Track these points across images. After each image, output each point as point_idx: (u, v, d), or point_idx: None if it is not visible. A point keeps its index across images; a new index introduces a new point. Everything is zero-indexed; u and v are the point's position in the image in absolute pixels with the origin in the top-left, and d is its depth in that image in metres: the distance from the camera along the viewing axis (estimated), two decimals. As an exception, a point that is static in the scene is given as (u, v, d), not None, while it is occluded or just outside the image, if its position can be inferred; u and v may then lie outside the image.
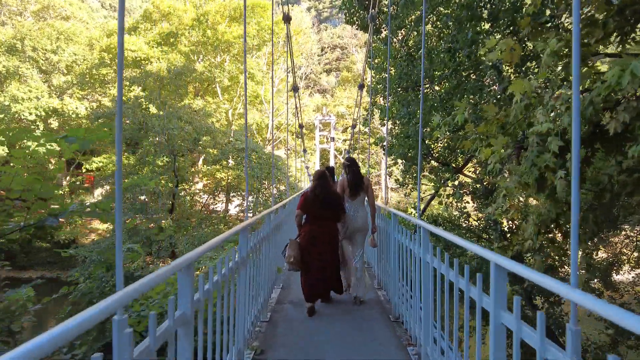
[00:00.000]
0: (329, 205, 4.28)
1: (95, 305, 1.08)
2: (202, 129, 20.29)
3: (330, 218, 4.32)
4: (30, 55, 25.63)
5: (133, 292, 1.28)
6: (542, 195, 3.61)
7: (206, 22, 25.42)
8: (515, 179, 3.30)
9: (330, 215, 4.31)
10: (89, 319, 1.01)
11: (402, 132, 7.98)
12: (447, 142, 7.72)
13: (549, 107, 3.05)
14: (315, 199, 4.26)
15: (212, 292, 2.10)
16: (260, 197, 23.23)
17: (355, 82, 41.35)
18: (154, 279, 1.44)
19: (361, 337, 3.50)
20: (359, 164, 4.86)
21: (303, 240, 4.26)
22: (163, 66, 22.96)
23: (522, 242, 4.66)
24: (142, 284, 1.36)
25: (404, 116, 7.82)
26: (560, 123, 2.70)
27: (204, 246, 1.99)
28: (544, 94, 3.21)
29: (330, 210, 4.29)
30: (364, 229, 4.64)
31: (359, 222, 4.57)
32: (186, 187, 24.72)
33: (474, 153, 5.84)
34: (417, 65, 8.07)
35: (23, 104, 23.69)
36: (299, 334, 3.61)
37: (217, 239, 2.21)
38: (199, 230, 22.40)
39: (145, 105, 21.25)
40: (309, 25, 45.84)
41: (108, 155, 28.65)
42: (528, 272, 1.44)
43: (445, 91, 7.76)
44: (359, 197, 4.64)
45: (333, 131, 31.67)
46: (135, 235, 21.67)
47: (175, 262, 1.68)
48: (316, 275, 4.18)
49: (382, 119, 10.07)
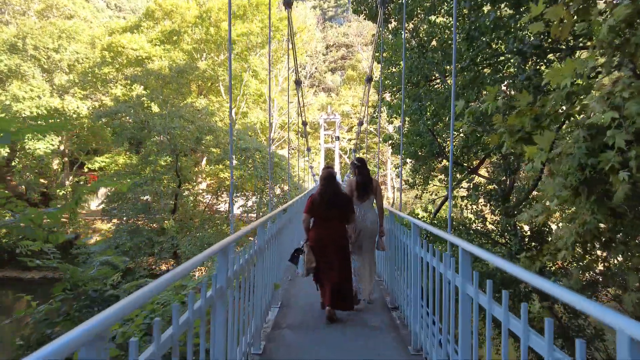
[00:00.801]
0: (336, 207, 4.15)
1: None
2: (204, 128, 19.82)
3: (338, 220, 4.18)
4: (31, 54, 25.34)
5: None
6: (585, 201, 3.05)
7: (209, 20, 24.97)
8: (559, 181, 2.74)
9: (338, 217, 4.17)
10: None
11: (412, 130, 7.41)
12: (464, 138, 7.13)
13: (603, 94, 2.49)
14: (322, 201, 4.13)
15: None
16: (264, 198, 22.77)
17: (361, 81, 40.76)
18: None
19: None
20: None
21: (312, 244, 4.13)
22: (165, 64, 22.55)
23: (554, 252, 4.09)
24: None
25: (415, 111, 7.24)
26: (630, 112, 2.13)
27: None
28: (594, 78, 2.67)
29: (338, 212, 4.16)
30: (373, 233, 4.48)
31: (368, 225, 4.42)
32: (189, 187, 24.32)
33: (497, 150, 5.32)
34: (429, 58, 7.51)
35: (24, 103, 23.41)
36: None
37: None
38: (202, 231, 21.96)
39: (147, 103, 20.83)
40: (313, 22, 45.34)
41: (111, 154, 28.36)
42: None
43: (461, 85, 7.17)
44: (368, 200, 4.48)
45: (338, 130, 31.09)
46: (137, 236, 21.29)
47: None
48: (330, 279, 4.02)
49: (389, 117, 9.52)
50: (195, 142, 19.51)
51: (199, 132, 19.52)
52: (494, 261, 1.76)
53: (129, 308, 1.19)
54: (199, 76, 23.00)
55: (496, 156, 6.46)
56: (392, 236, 4.59)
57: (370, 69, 7.23)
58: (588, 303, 1.10)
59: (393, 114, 8.41)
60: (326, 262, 4.05)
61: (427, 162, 7.93)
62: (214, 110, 23.32)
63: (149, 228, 21.79)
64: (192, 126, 20.13)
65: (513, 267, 1.58)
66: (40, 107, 23.88)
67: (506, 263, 1.61)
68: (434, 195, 8.63)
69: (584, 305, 1.11)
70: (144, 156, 22.55)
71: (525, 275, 1.48)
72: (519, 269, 1.51)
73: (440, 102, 6.61)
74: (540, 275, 1.40)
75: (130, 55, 23.84)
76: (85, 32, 28.03)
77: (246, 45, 25.30)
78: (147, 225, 21.91)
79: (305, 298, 4.73)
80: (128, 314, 1.51)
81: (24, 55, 25.53)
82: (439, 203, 8.48)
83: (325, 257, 4.06)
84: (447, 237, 2.64)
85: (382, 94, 9.85)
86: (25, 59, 25.31)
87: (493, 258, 1.80)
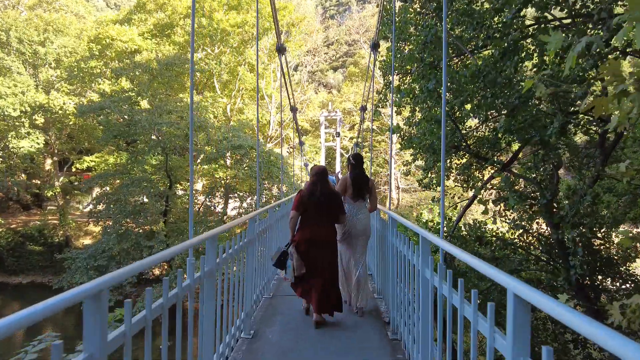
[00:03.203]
0: (327, 205, 3.90)
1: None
2: (194, 125, 18.39)
3: (328, 220, 3.94)
4: (16, 47, 23.97)
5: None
6: None
7: (202, 10, 23.56)
8: None
9: (327, 217, 3.94)
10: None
11: (428, 118, 5.96)
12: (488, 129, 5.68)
13: None
14: (311, 198, 3.87)
15: None
16: (261, 198, 21.40)
17: (363, 78, 39.35)
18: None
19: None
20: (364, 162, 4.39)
21: (298, 246, 3.88)
22: (153, 56, 21.14)
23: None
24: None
25: (431, 94, 5.77)
26: None
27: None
28: None
29: (328, 211, 3.92)
30: (366, 234, 4.21)
31: (361, 225, 4.15)
32: (182, 187, 22.93)
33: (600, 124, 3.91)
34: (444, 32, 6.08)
35: (7, 99, 22.05)
36: None
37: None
38: (195, 233, 20.47)
39: (135, 98, 19.42)
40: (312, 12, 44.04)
41: (101, 154, 26.95)
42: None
43: (484, 63, 5.67)
44: (362, 200, 4.25)
45: (339, 126, 29.61)
46: (125, 241, 19.91)
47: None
48: (317, 282, 3.79)
49: (397, 106, 8.08)
50: (184, 139, 18.08)
51: (188, 128, 18.09)
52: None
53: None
54: (189, 69, 21.43)
55: (537, 146, 5.01)
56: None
57: (376, 34, 5.81)
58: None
59: (403, 99, 6.94)
60: (313, 265, 3.83)
61: (446, 156, 6.46)
62: (207, 106, 21.87)
63: (138, 231, 20.41)
64: (182, 122, 18.73)
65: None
66: (24, 103, 22.52)
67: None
68: (457, 199, 7.08)
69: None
70: (132, 155, 21.21)
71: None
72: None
73: (466, 81, 5.14)
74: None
75: (119, 47, 22.43)
76: (73, 24, 26.65)
77: (241, 37, 23.89)
78: (135, 228, 20.54)
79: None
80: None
81: (8, 49, 24.16)
82: (462, 208, 6.94)
83: (312, 259, 3.84)
84: (493, 276, 1.49)
85: (387, 79, 8.40)
86: (9, 52, 23.95)
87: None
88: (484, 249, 5.94)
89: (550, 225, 5.01)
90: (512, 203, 4.37)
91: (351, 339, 3.44)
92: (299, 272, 3.82)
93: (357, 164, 4.28)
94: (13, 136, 23.39)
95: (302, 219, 3.95)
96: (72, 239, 27.92)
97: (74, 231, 28.62)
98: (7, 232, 26.36)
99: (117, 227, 19.68)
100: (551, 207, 4.86)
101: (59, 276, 21.36)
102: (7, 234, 26.19)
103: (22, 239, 26.93)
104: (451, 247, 1.99)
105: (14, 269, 26.57)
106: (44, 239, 27.23)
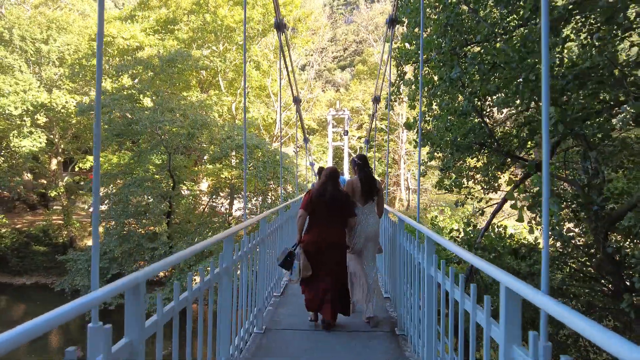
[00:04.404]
0: (337, 207, 3.84)
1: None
2: (197, 123, 17.75)
3: (337, 221, 3.86)
4: (19, 45, 23.58)
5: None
6: None
7: (206, 6, 22.93)
8: None
9: (337, 218, 3.86)
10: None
11: (450, 109, 5.18)
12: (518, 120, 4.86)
13: None
14: (322, 199, 3.82)
15: None
16: (267, 200, 20.71)
17: (372, 75, 38.50)
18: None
19: None
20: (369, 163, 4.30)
21: (306, 247, 3.82)
22: (154, 52, 20.55)
23: None
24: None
25: (454, 83, 4.98)
26: None
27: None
28: None
29: (337, 213, 3.85)
30: (376, 237, 4.16)
31: (371, 229, 4.08)
32: (186, 187, 22.32)
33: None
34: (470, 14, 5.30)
35: (8, 97, 21.65)
36: None
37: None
38: (197, 235, 19.78)
39: (137, 96, 18.84)
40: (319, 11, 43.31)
41: (104, 153, 26.48)
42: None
43: (513, 48, 4.85)
44: (372, 202, 4.15)
45: (347, 124, 28.77)
46: (127, 243, 19.36)
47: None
48: (325, 286, 3.73)
49: (410, 100, 7.31)
50: (186, 137, 17.43)
51: (191, 127, 17.45)
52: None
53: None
54: (192, 66, 20.83)
55: (577, 140, 4.20)
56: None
57: (394, 6, 5.07)
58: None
59: (418, 92, 6.15)
60: (321, 268, 3.78)
61: (470, 154, 5.62)
62: (211, 104, 21.23)
63: (140, 233, 19.84)
64: (185, 120, 18.10)
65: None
66: (26, 102, 22.08)
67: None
68: (483, 203, 6.22)
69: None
70: (135, 154, 20.67)
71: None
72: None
73: (480, 73, 4.33)
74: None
75: (120, 44, 21.90)
76: (76, 22, 26.22)
77: (246, 33, 23.20)
78: (138, 229, 19.98)
79: None
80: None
81: (12, 46, 23.79)
82: (490, 214, 6.07)
83: (321, 262, 3.79)
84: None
85: (401, 69, 7.61)
86: (12, 50, 23.58)
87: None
88: (520, 263, 5.15)
89: (597, 237, 4.19)
90: (554, 209, 3.63)
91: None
92: (305, 273, 3.79)
93: (364, 164, 4.22)
94: (14, 135, 23.02)
95: (311, 220, 3.89)
96: (77, 240, 27.62)
97: (78, 231, 28.31)
98: (12, 233, 26.11)
99: (119, 229, 19.15)
100: (598, 214, 4.05)
101: (63, 277, 20.99)
102: (12, 234, 25.94)
103: (26, 239, 26.67)
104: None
105: (18, 270, 26.32)
106: (49, 239, 26.96)
